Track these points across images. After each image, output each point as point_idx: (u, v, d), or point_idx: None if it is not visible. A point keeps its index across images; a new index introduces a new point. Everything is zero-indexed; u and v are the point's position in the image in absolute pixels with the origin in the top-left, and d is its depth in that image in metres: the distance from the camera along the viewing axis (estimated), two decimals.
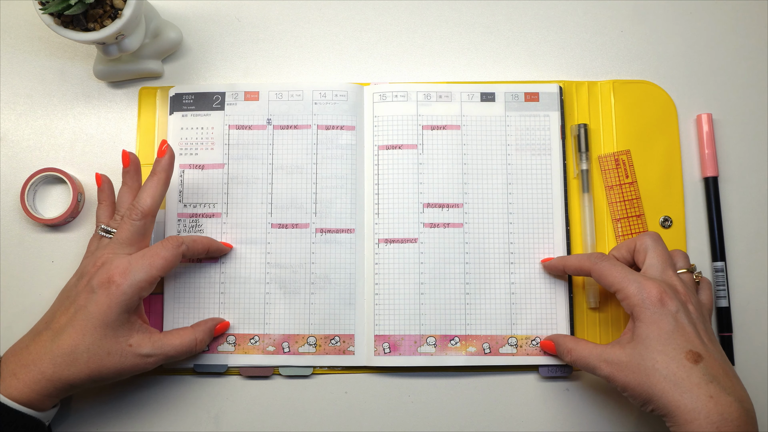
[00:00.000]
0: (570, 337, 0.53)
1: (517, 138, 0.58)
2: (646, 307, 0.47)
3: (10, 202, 0.58)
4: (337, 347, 0.55)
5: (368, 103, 0.59)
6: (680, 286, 0.49)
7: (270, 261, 0.56)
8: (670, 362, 0.45)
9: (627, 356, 0.47)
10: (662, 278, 0.49)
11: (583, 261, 0.52)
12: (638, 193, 0.58)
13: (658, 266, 0.49)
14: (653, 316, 0.46)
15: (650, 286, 0.47)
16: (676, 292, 0.48)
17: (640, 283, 0.47)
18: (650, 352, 0.45)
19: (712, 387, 0.43)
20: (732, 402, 0.43)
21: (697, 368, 0.44)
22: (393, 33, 0.61)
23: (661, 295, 0.47)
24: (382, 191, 0.57)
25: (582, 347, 0.50)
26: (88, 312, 0.47)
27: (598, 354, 0.49)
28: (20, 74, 0.60)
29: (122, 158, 0.53)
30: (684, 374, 0.44)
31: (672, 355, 0.45)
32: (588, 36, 0.61)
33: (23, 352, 0.47)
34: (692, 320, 0.47)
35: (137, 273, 0.48)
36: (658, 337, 0.46)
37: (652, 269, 0.49)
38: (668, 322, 0.46)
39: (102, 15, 0.51)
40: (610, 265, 0.50)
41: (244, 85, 0.59)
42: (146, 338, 0.49)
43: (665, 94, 0.59)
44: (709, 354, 0.45)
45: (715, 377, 0.44)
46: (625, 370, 0.46)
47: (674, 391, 0.44)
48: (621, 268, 0.49)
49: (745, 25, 0.61)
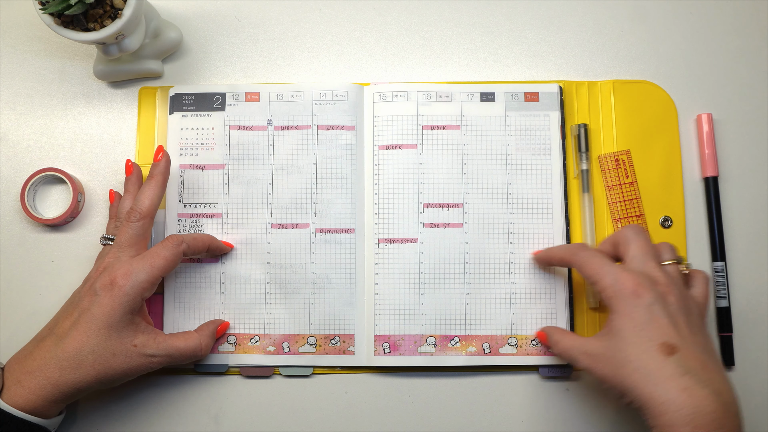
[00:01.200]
0: (558, 330, 0.53)
1: (517, 138, 0.58)
2: (620, 299, 0.46)
3: (10, 202, 0.58)
4: (337, 347, 0.55)
5: (368, 103, 0.59)
6: (662, 277, 0.47)
7: (270, 261, 0.56)
8: (642, 354, 0.44)
9: (603, 348, 0.46)
10: (643, 270, 0.48)
11: (565, 252, 0.52)
12: (638, 193, 0.58)
13: (639, 258, 0.48)
14: (627, 308, 0.46)
15: (625, 278, 0.46)
16: (654, 284, 0.47)
17: (616, 274, 0.47)
18: (624, 344, 0.45)
19: (685, 379, 0.42)
20: (707, 395, 0.42)
21: (671, 360, 0.43)
22: (393, 33, 0.61)
23: (635, 287, 0.46)
24: (382, 191, 0.57)
25: (566, 339, 0.50)
26: (92, 314, 0.47)
27: (579, 346, 0.48)
28: (20, 74, 0.60)
29: (125, 167, 0.55)
30: (656, 366, 0.43)
31: (644, 347, 0.44)
32: (588, 36, 0.61)
33: (27, 359, 0.48)
34: (670, 312, 0.45)
35: (139, 274, 0.48)
36: (632, 329, 0.45)
37: (634, 261, 0.49)
38: (641, 313, 0.45)
39: (102, 15, 0.51)
40: (589, 256, 0.49)
41: (245, 86, 0.59)
42: (151, 338, 0.50)
43: (665, 94, 0.59)
44: (686, 346, 0.44)
45: (690, 369, 0.43)
46: (601, 362, 0.46)
47: (646, 384, 0.43)
48: (600, 260, 0.48)
49: (745, 25, 0.61)
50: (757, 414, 0.56)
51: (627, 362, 0.44)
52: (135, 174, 0.55)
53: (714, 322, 0.57)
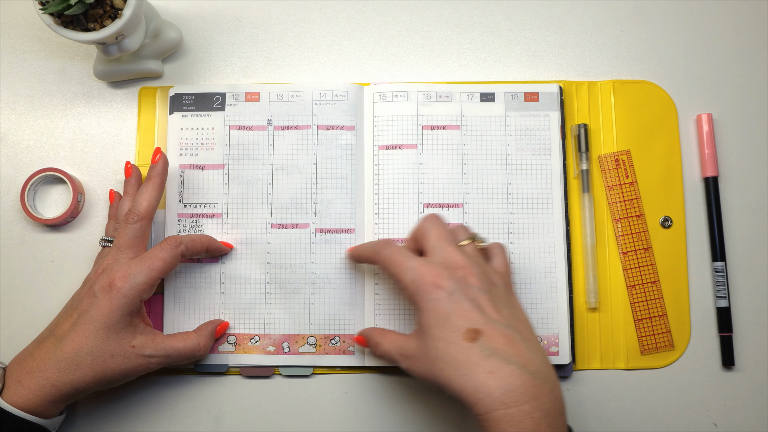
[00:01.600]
0: (378, 330, 0.52)
1: (517, 138, 0.58)
2: (422, 295, 0.45)
3: (10, 202, 0.58)
4: (337, 347, 0.55)
5: (368, 103, 0.59)
6: (460, 260, 0.46)
7: (270, 261, 0.56)
8: (449, 346, 0.43)
9: (416, 347, 0.46)
10: (442, 257, 0.46)
11: (370, 250, 0.51)
12: (638, 193, 0.58)
13: (437, 246, 0.47)
14: (429, 303, 0.45)
15: (424, 272, 0.45)
16: (453, 270, 0.45)
17: (415, 270, 0.46)
18: (432, 341, 0.44)
19: (490, 362, 0.41)
20: (513, 371, 0.41)
21: (475, 346, 0.42)
22: (393, 33, 0.61)
23: (434, 279, 0.45)
24: (382, 191, 0.57)
25: (387, 340, 0.49)
26: (91, 316, 0.48)
27: (398, 347, 0.48)
28: (20, 74, 0.60)
29: (125, 170, 0.56)
30: (463, 356, 0.42)
31: (450, 338, 0.43)
32: (588, 36, 0.61)
33: (27, 359, 0.48)
34: (471, 295, 0.44)
35: (137, 276, 0.48)
36: (437, 324, 0.44)
37: (433, 250, 0.47)
38: (443, 305, 0.44)
39: (102, 15, 0.51)
40: (391, 254, 0.48)
41: (245, 86, 0.59)
42: (149, 339, 0.50)
43: (665, 94, 0.59)
44: (491, 326, 0.43)
45: (494, 350, 0.42)
46: (417, 362, 0.45)
47: (456, 376, 0.42)
48: (401, 256, 0.47)
49: (745, 25, 0.61)
50: (757, 414, 0.56)
51: (437, 358, 0.43)
52: (134, 176, 0.56)
53: (714, 322, 0.57)
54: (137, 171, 0.56)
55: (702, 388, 0.56)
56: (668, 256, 0.57)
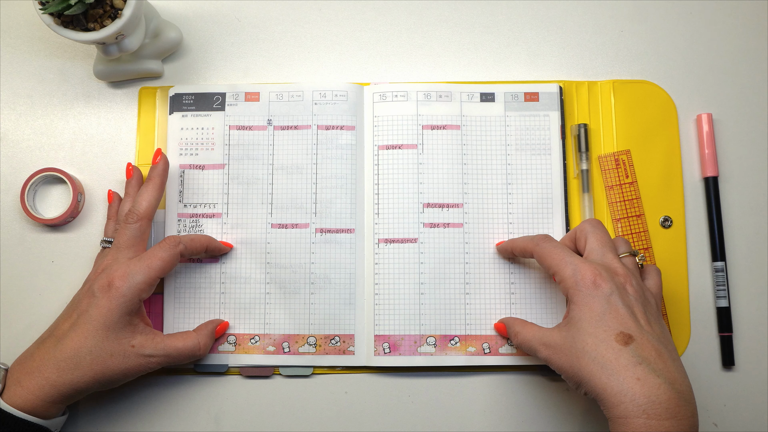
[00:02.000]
0: (519, 321, 0.53)
1: (517, 138, 0.58)
2: (579, 290, 0.46)
3: (10, 202, 0.58)
4: (337, 347, 0.55)
5: (368, 103, 0.59)
6: (620, 268, 0.47)
7: (270, 261, 0.56)
8: (599, 344, 0.44)
9: (562, 339, 0.46)
10: (602, 261, 0.48)
11: (528, 242, 0.52)
12: (638, 193, 0.58)
13: (597, 250, 0.49)
14: (585, 299, 0.46)
15: (585, 269, 0.46)
16: (613, 274, 0.47)
17: (576, 265, 0.47)
18: (581, 335, 0.45)
19: (640, 369, 0.42)
20: (660, 384, 0.42)
21: (627, 350, 0.43)
22: (393, 33, 0.61)
23: (594, 278, 0.46)
24: (382, 191, 0.57)
25: (527, 330, 0.50)
26: (90, 315, 0.48)
27: (539, 337, 0.48)
28: (20, 74, 0.60)
29: (126, 171, 0.56)
30: (612, 356, 0.43)
31: (602, 337, 0.44)
32: (588, 36, 0.61)
33: (28, 360, 0.48)
34: (628, 302, 0.46)
35: (136, 276, 0.49)
36: (590, 319, 0.45)
37: (593, 253, 0.49)
38: (600, 303, 0.45)
39: (102, 15, 0.51)
40: (551, 247, 0.49)
41: (245, 86, 0.59)
42: (149, 339, 0.50)
43: (665, 94, 0.59)
44: (643, 335, 0.44)
45: (645, 359, 0.43)
46: (560, 353, 0.46)
47: (601, 374, 0.43)
48: (561, 251, 0.48)
49: (745, 25, 0.61)
50: (757, 414, 0.56)
51: (584, 353, 0.44)
52: (135, 177, 0.56)
53: (714, 322, 0.57)
54: (138, 172, 0.56)
55: (702, 389, 0.56)
56: (668, 256, 0.57)
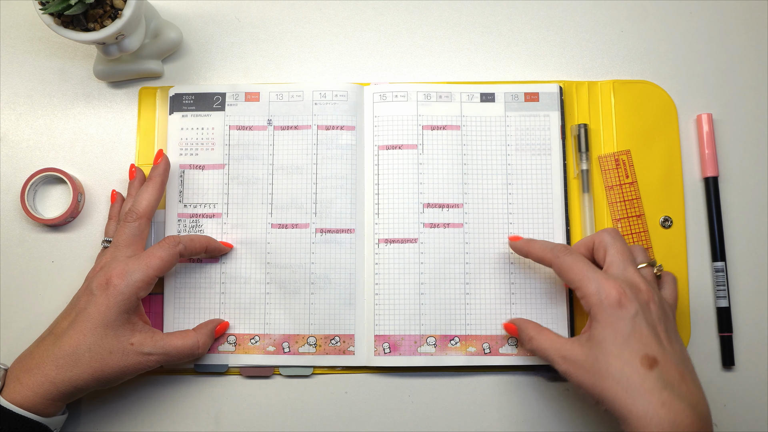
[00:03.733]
0: (534, 325, 0.52)
1: (517, 138, 0.58)
2: (603, 309, 0.46)
3: (10, 202, 0.58)
4: (337, 347, 0.55)
5: (368, 103, 0.59)
6: (642, 284, 0.47)
7: (270, 261, 0.56)
8: (624, 367, 0.44)
9: (584, 356, 0.46)
10: (624, 276, 0.47)
11: (547, 252, 0.51)
12: (638, 193, 0.58)
13: (619, 263, 0.48)
14: (610, 318, 0.45)
15: (609, 287, 0.46)
16: (637, 292, 0.46)
17: (599, 282, 0.46)
18: (605, 356, 0.45)
19: (665, 394, 0.42)
20: (684, 408, 0.42)
21: (652, 374, 0.43)
22: (393, 33, 0.61)
23: (620, 297, 0.45)
24: (382, 191, 0.57)
25: (543, 338, 0.49)
26: (88, 313, 0.48)
27: (558, 348, 0.48)
28: (20, 74, 0.60)
29: (129, 172, 0.57)
30: (638, 380, 0.43)
31: (627, 359, 0.44)
32: (588, 36, 0.61)
33: (27, 358, 0.48)
34: (652, 322, 0.45)
35: (134, 274, 0.49)
36: (614, 341, 0.45)
37: (614, 267, 0.48)
38: (625, 325, 0.45)
39: (102, 15, 0.51)
40: (572, 261, 0.48)
41: (245, 86, 0.59)
42: (148, 337, 0.50)
43: (665, 94, 0.59)
44: (666, 358, 0.44)
45: (669, 383, 0.43)
46: (581, 370, 0.46)
47: (626, 397, 0.43)
48: (583, 265, 0.48)
49: (745, 25, 0.61)
50: (757, 414, 0.56)
51: (608, 374, 0.44)
52: (138, 178, 0.56)
53: (714, 322, 0.57)
54: (141, 173, 0.56)
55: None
56: (668, 256, 0.57)
